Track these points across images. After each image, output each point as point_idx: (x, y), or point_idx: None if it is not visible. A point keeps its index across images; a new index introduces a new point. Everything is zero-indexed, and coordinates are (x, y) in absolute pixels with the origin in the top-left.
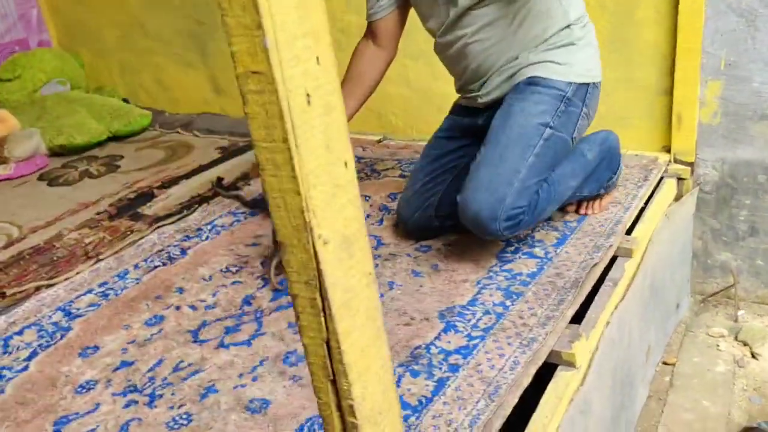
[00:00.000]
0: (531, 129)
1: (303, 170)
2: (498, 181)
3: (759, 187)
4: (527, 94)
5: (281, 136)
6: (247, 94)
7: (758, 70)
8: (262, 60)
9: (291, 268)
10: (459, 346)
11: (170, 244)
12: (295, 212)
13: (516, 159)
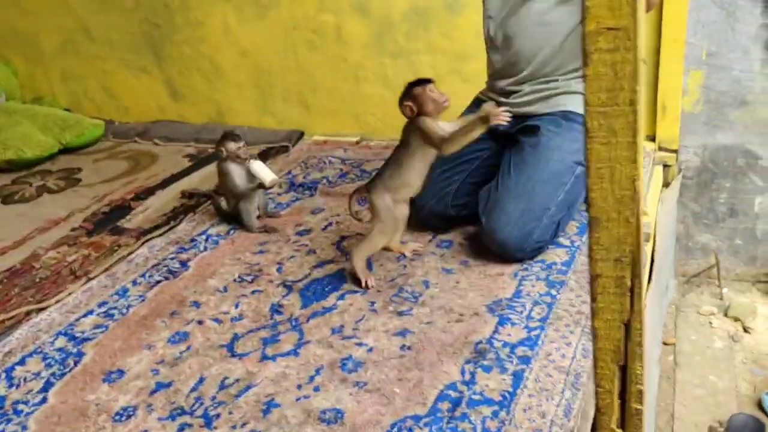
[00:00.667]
0: (565, 167)
1: (640, 136)
2: (528, 217)
3: (738, 170)
4: (564, 129)
5: (628, 98)
6: (593, 53)
7: (737, 58)
8: (626, 15)
9: (600, 246)
10: (521, 338)
11: (165, 257)
12: (624, 182)
13: (548, 196)
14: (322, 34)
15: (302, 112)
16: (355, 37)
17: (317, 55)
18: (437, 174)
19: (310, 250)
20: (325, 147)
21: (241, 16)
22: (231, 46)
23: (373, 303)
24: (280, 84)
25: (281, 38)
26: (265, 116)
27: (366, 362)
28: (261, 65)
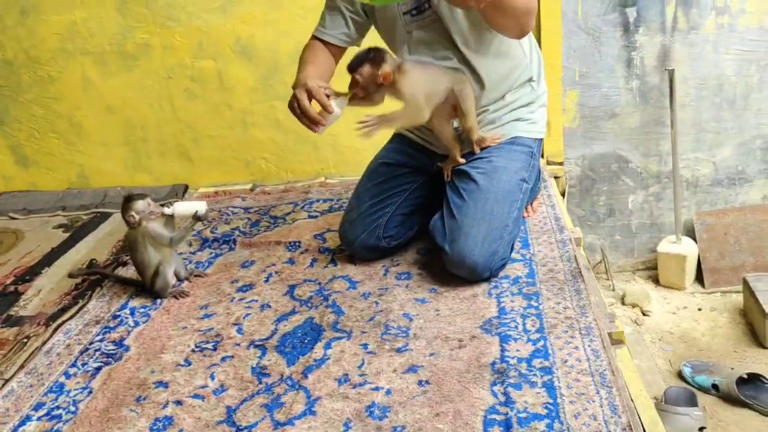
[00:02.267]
0: (514, 185)
1: None
2: (492, 237)
3: (613, 174)
4: (507, 152)
5: None
6: None
7: (605, 77)
8: None
9: None
10: (531, 351)
11: (91, 340)
12: None
13: (505, 215)
14: (201, 81)
15: (183, 164)
16: (239, 82)
17: (197, 103)
18: (365, 208)
19: (264, 305)
20: (218, 198)
21: (104, 69)
22: (93, 102)
23: (365, 345)
24: (154, 138)
25: (154, 89)
26: (138, 174)
27: (392, 405)
28: (131, 120)
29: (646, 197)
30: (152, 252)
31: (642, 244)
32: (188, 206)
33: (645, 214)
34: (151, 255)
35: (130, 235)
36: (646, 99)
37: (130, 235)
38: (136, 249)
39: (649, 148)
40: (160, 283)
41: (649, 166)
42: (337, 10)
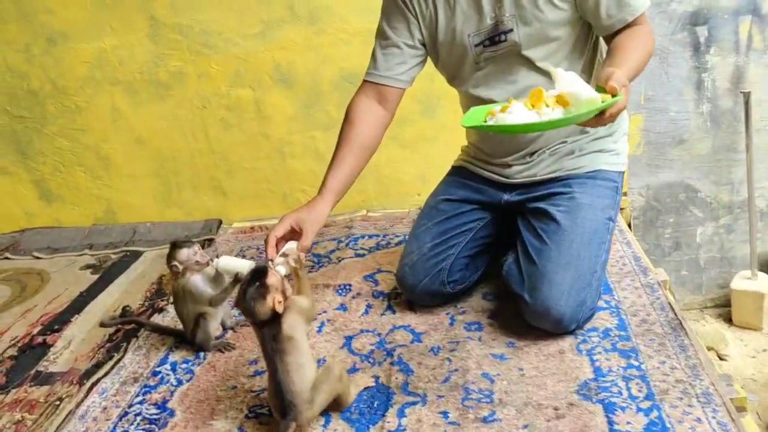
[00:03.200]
0: (600, 225)
1: None
2: (579, 285)
3: (680, 205)
4: (590, 187)
5: None
6: None
7: (673, 100)
8: None
9: None
10: (645, 424)
11: (130, 402)
12: None
13: (592, 259)
14: (238, 110)
15: (216, 198)
16: (278, 110)
17: (233, 134)
18: (427, 250)
19: (320, 360)
20: (254, 234)
21: (134, 99)
22: (122, 134)
23: (445, 414)
24: (186, 171)
25: (187, 119)
26: (169, 209)
27: None
28: (162, 152)
29: (716, 229)
30: (195, 305)
31: (711, 279)
32: (234, 264)
33: (715, 248)
34: (194, 306)
35: (176, 287)
36: (717, 124)
37: (176, 287)
38: (177, 299)
39: (720, 176)
40: (201, 336)
41: (720, 196)
42: (394, 46)
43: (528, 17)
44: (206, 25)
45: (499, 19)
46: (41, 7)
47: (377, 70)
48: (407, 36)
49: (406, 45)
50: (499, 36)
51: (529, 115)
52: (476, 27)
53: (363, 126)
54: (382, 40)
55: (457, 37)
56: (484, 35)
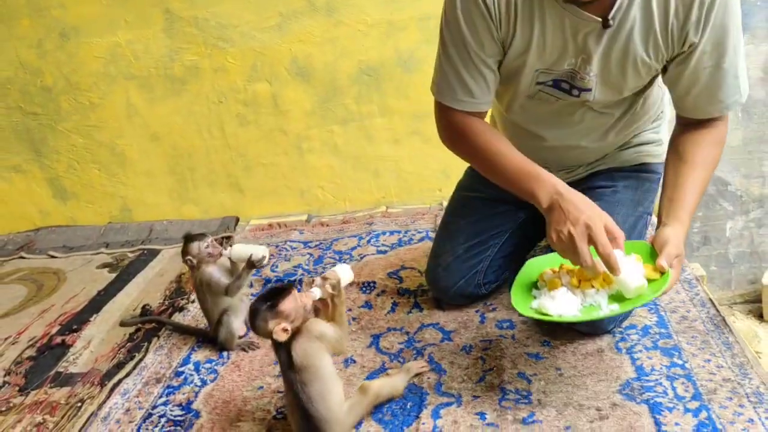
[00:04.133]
0: (638, 218)
1: None
2: None
3: (709, 198)
4: (635, 181)
5: None
6: None
7: None
8: None
9: None
10: (694, 425)
11: (154, 404)
12: None
13: None
14: (255, 105)
15: (233, 195)
16: (295, 105)
17: (250, 129)
18: (462, 251)
19: (348, 360)
20: (272, 232)
21: (149, 94)
22: (137, 130)
23: (482, 414)
24: (203, 167)
25: (203, 115)
26: (185, 206)
27: None
28: (177, 148)
29: (746, 223)
30: (215, 298)
31: (741, 275)
32: (246, 250)
33: (745, 242)
34: (216, 301)
35: (195, 280)
36: (749, 114)
37: (194, 280)
38: (198, 294)
39: (751, 168)
40: (224, 334)
41: (750, 189)
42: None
43: (611, 80)
44: (222, 18)
45: (579, 73)
46: (54, 2)
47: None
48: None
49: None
50: (572, 89)
51: (571, 303)
52: (549, 65)
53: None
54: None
55: (525, 68)
56: (554, 76)
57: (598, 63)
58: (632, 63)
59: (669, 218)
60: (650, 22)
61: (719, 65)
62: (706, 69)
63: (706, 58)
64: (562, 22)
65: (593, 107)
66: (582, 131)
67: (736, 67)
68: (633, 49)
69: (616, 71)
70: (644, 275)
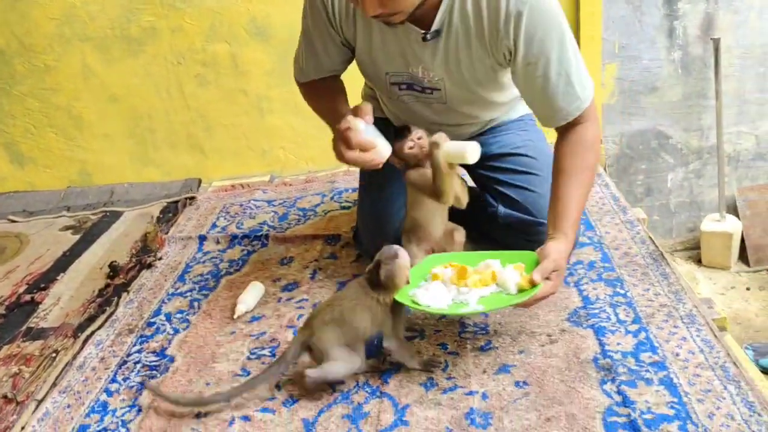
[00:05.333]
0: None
1: None
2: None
3: (652, 152)
4: (525, 124)
5: None
6: None
7: (646, 48)
8: None
9: None
10: (634, 344)
11: (128, 352)
12: None
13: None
14: (214, 66)
15: (195, 157)
16: (255, 65)
17: (209, 90)
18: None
19: (316, 305)
20: (236, 192)
21: (106, 56)
22: (95, 93)
23: (444, 345)
24: (163, 129)
25: (161, 76)
26: (146, 168)
27: (493, 411)
28: (136, 110)
29: (686, 174)
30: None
31: (681, 223)
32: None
33: (685, 193)
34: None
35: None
36: (688, 71)
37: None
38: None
39: (690, 122)
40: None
41: (690, 142)
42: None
43: (458, 81)
44: None
45: (425, 76)
46: None
47: (314, 72)
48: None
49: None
50: (424, 90)
51: (442, 297)
52: (396, 69)
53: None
54: (307, 43)
55: (376, 70)
56: (404, 79)
57: (440, 68)
58: (468, 67)
59: (555, 232)
60: (468, 32)
61: (547, 76)
62: (537, 79)
63: (531, 69)
64: (396, 32)
65: (453, 102)
66: (454, 116)
67: (567, 75)
68: (464, 56)
69: (457, 74)
70: (517, 284)
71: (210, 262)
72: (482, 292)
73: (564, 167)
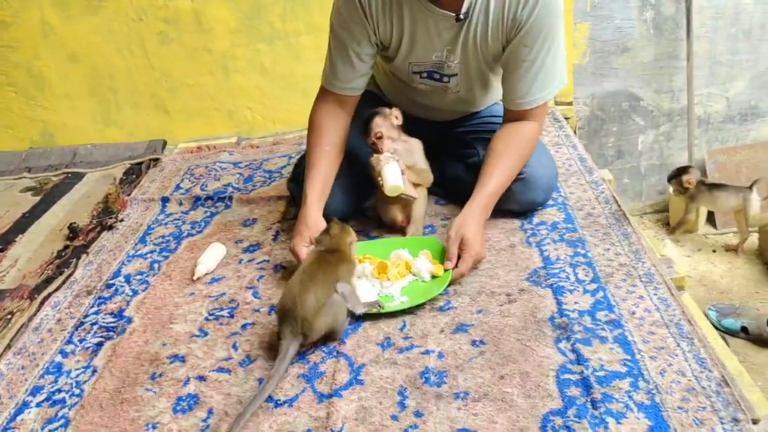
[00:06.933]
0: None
1: None
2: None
3: (623, 114)
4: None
5: None
6: None
7: (618, 8)
8: None
9: None
10: (591, 303)
11: (86, 313)
12: None
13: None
14: (176, 23)
15: (159, 117)
16: (219, 22)
17: (173, 48)
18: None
19: (277, 266)
20: (201, 154)
21: (65, 12)
22: (55, 50)
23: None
24: (125, 88)
25: (123, 33)
26: (109, 129)
27: (448, 369)
28: (98, 69)
29: (656, 137)
30: None
31: (651, 186)
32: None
33: (655, 155)
34: None
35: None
36: (660, 31)
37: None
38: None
39: (661, 84)
40: None
41: (661, 104)
42: (355, 56)
43: (472, 65)
44: None
45: (445, 62)
46: None
47: (339, 81)
48: (367, 44)
49: (367, 55)
50: (442, 78)
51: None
52: (420, 58)
53: (330, 132)
54: (340, 47)
55: (400, 60)
56: (426, 68)
57: (460, 52)
58: (482, 50)
59: (471, 202)
60: (488, 15)
61: (534, 61)
62: (525, 61)
63: (525, 51)
64: (426, 21)
65: (459, 91)
66: (455, 105)
67: (548, 67)
68: (482, 38)
69: (474, 57)
70: (430, 271)
71: (172, 223)
72: (402, 283)
73: (497, 148)
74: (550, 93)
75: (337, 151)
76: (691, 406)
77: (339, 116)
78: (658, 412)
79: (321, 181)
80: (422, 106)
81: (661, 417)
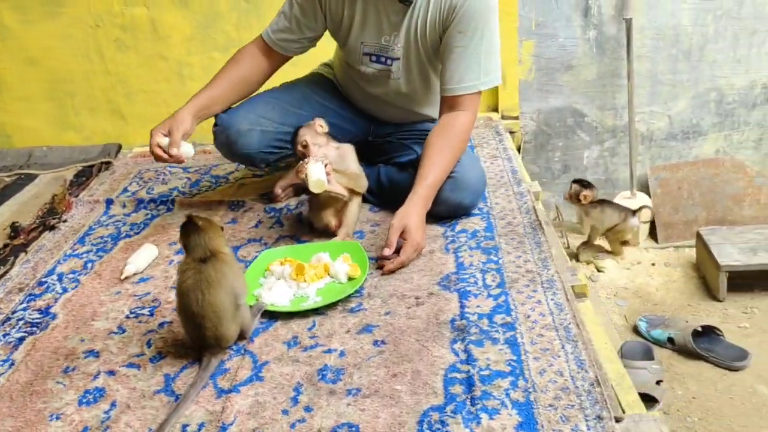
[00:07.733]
0: None
1: None
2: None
3: (568, 129)
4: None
5: None
6: None
7: (562, 27)
8: None
9: None
10: (492, 307)
11: (14, 309)
12: None
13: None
14: (133, 30)
15: (115, 122)
16: (174, 30)
17: (129, 55)
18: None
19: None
20: (153, 159)
21: (23, 16)
22: (12, 54)
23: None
24: (82, 93)
25: (80, 39)
26: (66, 132)
27: (346, 367)
28: (55, 73)
29: (601, 152)
30: None
31: None
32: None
33: (600, 170)
34: None
35: None
36: (603, 50)
37: None
38: None
39: (605, 101)
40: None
41: (604, 120)
42: (297, 24)
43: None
44: None
45: (390, 46)
46: None
47: (271, 30)
48: (311, 19)
49: (307, 28)
50: (386, 60)
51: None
52: (370, 38)
53: (244, 66)
54: (288, 10)
55: (352, 40)
56: (374, 50)
57: (403, 37)
58: (422, 38)
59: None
60: (428, 4)
61: (466, 46)
62: (458, 47)
63: (459, 37)
64: (376, 3)
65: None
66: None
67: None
68: (422, 26)
69: (414, 44)
70: (347, 273)
71: (113, 225)
72: (319, 285)
73: (434, 142)
74: (483, 84)
75: (243, 85)
76: (561, 404)
77: (259, 61)
78: (530, 410)
79: (208, 98)
80: (371, 97)
81: (531, 414)
